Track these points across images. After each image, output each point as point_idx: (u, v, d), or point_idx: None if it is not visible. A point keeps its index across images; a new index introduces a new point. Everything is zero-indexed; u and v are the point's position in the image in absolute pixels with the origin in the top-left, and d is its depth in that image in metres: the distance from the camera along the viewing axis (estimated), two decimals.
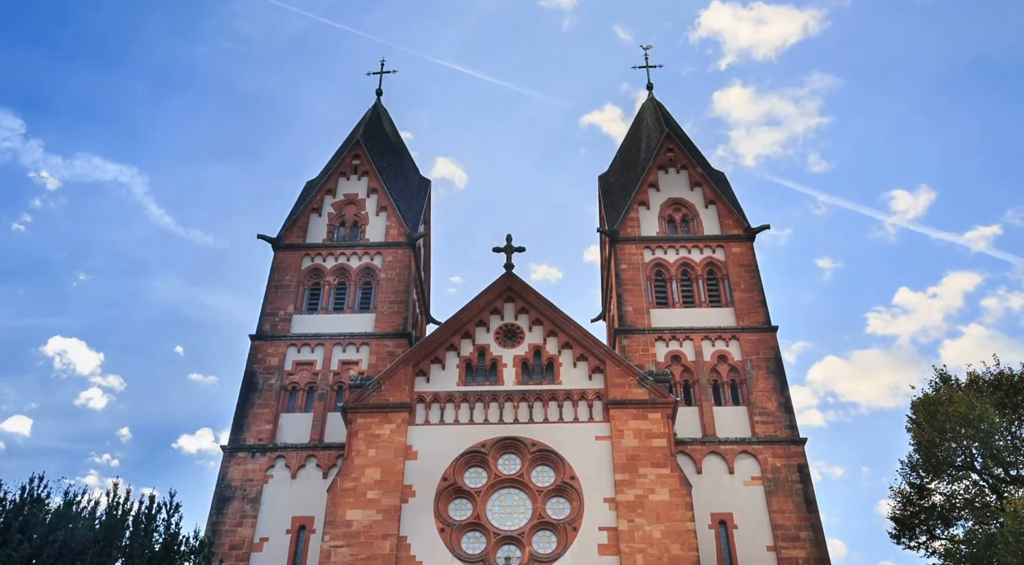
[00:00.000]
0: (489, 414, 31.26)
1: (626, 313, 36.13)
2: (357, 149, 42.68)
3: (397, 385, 31.57)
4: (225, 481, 31.86)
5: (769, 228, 38.87)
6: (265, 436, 33.06)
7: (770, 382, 33.90)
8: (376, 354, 35.27)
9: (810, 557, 29.56)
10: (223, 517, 30.90)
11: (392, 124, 48.59)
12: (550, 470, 30.14)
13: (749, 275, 37.26)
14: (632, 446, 29.82)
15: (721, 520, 30.56)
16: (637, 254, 38.12)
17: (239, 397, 34.11)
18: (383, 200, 40.73)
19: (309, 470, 32.35)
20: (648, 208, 39.94)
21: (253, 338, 35.83)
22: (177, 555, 20.77)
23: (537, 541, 28.74)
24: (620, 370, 31.63)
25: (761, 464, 31.78)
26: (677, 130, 44.32)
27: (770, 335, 35.29)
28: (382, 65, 50.56)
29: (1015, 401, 28.68)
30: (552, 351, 32.85)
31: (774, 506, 30.69)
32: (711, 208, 40.00)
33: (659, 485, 28.89)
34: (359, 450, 30.11)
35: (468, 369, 32.58)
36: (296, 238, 39.40)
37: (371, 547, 28.01)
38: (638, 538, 27.87)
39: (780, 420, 32.93)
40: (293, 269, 38.18)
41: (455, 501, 29.61)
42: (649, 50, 49.67)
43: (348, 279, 38.15)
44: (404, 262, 38.49)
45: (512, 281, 34.09)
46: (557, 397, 31.53)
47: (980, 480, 28.97)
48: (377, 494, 29.10)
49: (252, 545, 30.37)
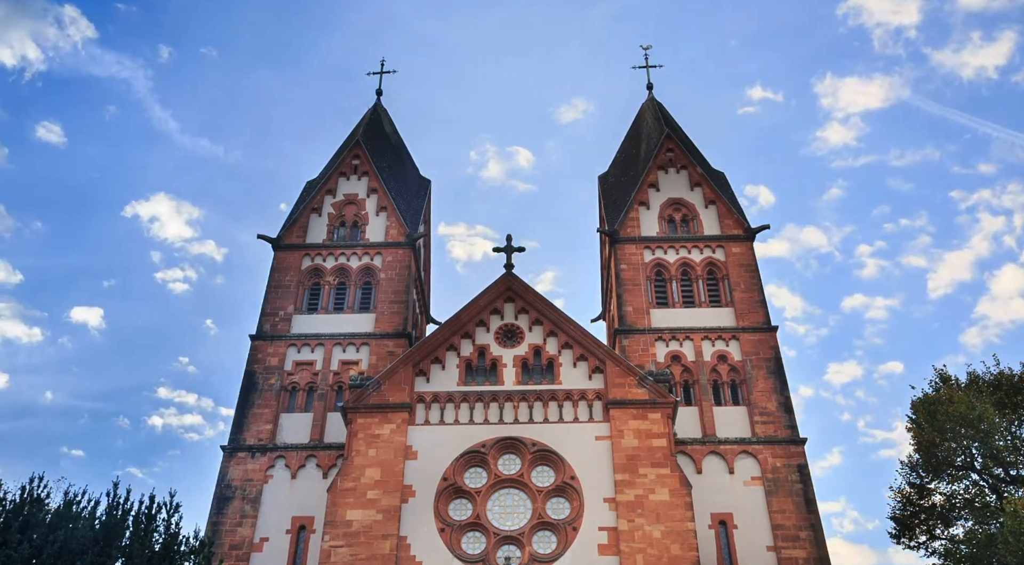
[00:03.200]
0: (489, 414, 31.25)
1: (626, 313, 36.12)
2: (357, 149, 42.69)
3: (397, 385, 31.56)
4: (225, 481, 31.87)
5: (769, 228, 38.92)
6: (265, 436, 33.05)
7: (770, 382, 33.91)
8: (376, 354, 35.28)
9: (810, 557, 29.57)
10: (223, 517, 30.91)
11: (392, 124, 48.56)
12: (550, 470, 30.13)
13: (749, 275, 37.26)
14: (632, 446, 29.81)
15: (721, 520, 30.56)
16: (637, 254, 38.12)
17: (239, 397, 34.12)
18: (383, 200, 40.73)
19: (309, 470, 32.35)
20: (648, 208, 39.94)
21: (253, 338, 35.82)
22: (177, 555, 20.77)
23: (537, 541, 28.73)
24: (620, 370, 31.61)
25: (761, 464, 31.80)
26: (677, 130, 44.31)
27: (770, 335, 35.30)
28: (382, 65, 50.56)
29: (1015, 401, 28.67)
30: (552, 351, 32.84)
31: (774, 506, 30.70)
32: (711, 208, 40.00)
33: (659, 485, 28.88)
34: (359, 450, 30.09)
35: (468, 369, 32.57)
36: (296, 238, 39.40)
37: (371, 547, 28.00)
38: (638, 538, 27.86)
39: (780, 420, 32.94)
40: (293, 269, 38.17)
41: (455, 501, 29.60)
42: (649, 50, 49.68)
43: (348, 279, 38.14)
44: (404, 262, 38.48)
45: (512, 281, 34.07)
46: (557, 397, 31.51)
47: (980, 480, 28.94)
48: (377, 494, 29.09)
49: (252, 545, 30.37)
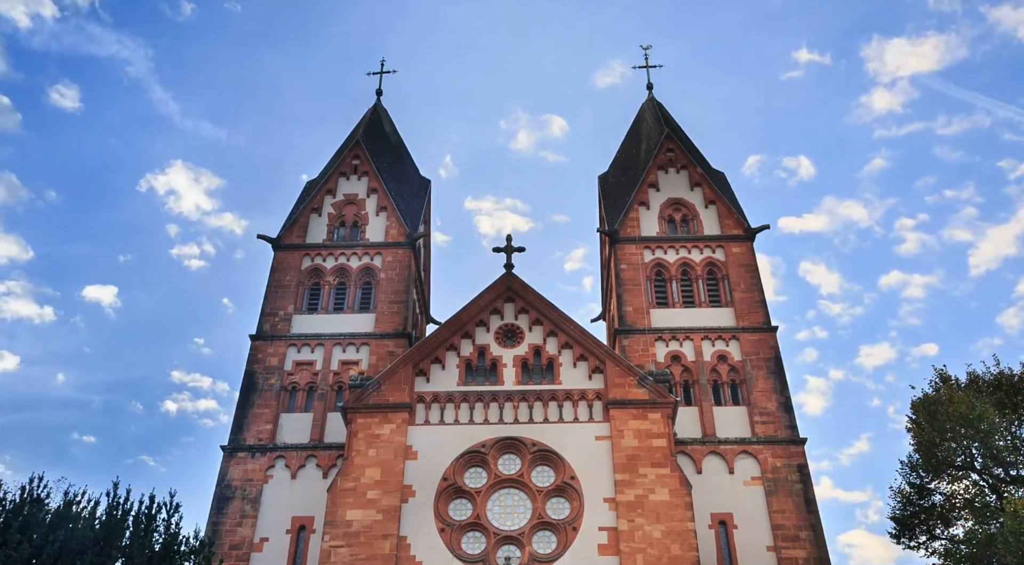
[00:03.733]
0: (489, 414, 31.25)
1: (626, 313, 36.12)
2: (357, 149, 42.68)
3: (397, 385, 31.56)
4: (225, 481, 31.87)
5: (769, 228, 38.91)
6: (265, 436, 33.05)
7: (770, 382, 33.92)
8: (376, 354, 35.27)
9: (810, 557, 29.57)
10: (223, 517, 30.91)
11: (392, 124, 48.55)
12: (550, 470, 30.12)
13: (749, 275, 37.27)
14: (632, 446, 29.81)
15: (721, 520, 30.56)
16: (637, 254, 38.12)
17: (239, 397, 34.12)
18: (383, 200, 40.73)
19: (309, 470, 32.35)
20: (648, 208, 39.94)
21: (253, 338, 35.81)
22: (177, 555, 20.78)
23: (537, 541, 28.73)
24: (620, 370, 31.61)
25: (761, 464, 31.80)
26: (677, 130, 44.32)
27: (770, 335, 35.31)
28: (382, 65, 50.55)
29: (1015, 401, 28.64)
30: (552, 351, 32.83)
31: (774, 506, 30.71)
32: (711, 208, 39.99)
33: (659, 485, 28.87)
34: (359, 450, 30.09)
35: (468, 369, 32.56)
36: (296, 238, 39.39)
37: (371, 547, 27.99)
38: (638, 538, 27.85)
39: (780, 420, 32.94)
40: (293, 269, 38.17)
41: (455, 501, 29.60)
42: (649, 50, 49.67)
43: (348, 279, 38.14)
44: (404, 262, 38.48)
45: (512, 281, 34.06)
46: (557, 397, 31.50)
47: (980, 480, 28.91)
48: (377, 494, 29.09)
49: (252, 545, 30.37)
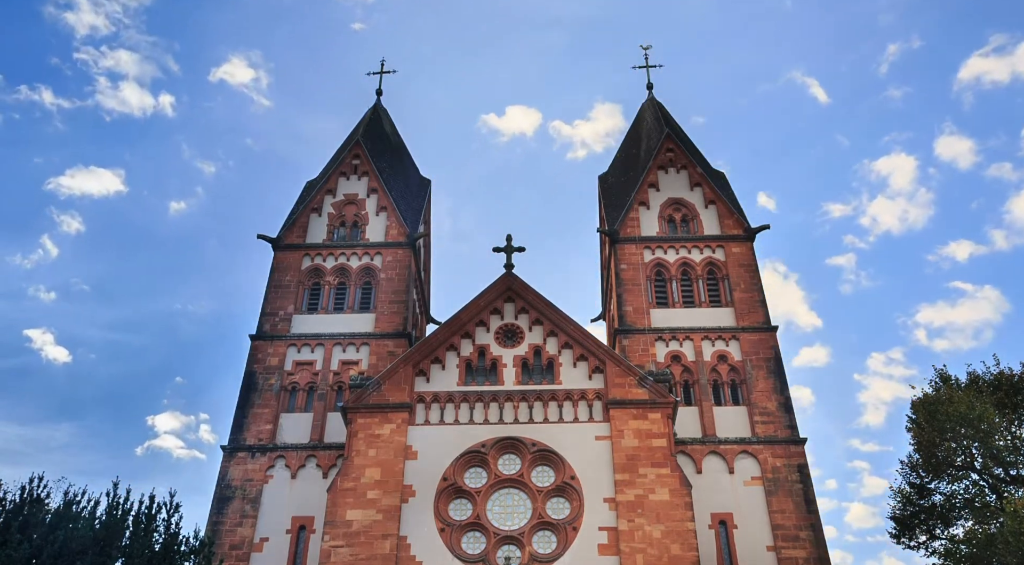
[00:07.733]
0: (489, 414, 31.25)
1: (626, 313, 36.13)
2: (357, 149, 42.68)
3: (397, 385, 31.56)
4: (225, 481, 31.88)
5: (769, 228, 38.89)
6: (265, 436, 33.05)
7: (770, 382, 33.92)
8: (376, 354, 35.28)
9: (810, 557, 29.58)
10: (223, 517, 30.92)
11: (392, 124, 48.56)
12: (550, 470, 30.12)
13: (749, 275, 37.27)
14: (632, 446, 29.81)
15: (721, 520, 30.57)
16: (637, 254, 38.12)
17: (239, 397, 34.11)
18: (383, 200, 40.73)
19: (309, 470, 32.36)
20: (648, 208, 39.94)
21: (253, 338, 35.81)
22: (177, 555, 20.78)
23: (537, 541, 28.73)
24: (620, 370, 31.61)
25: (761, 464, 31.81)
26: (677, 130, 44.33)
27: (770, 335, 35.31)
28: (382, 65, 50.54)
29: (1015, 401, 28.62)
30: (552, 351, 32.83)
31: (774, 506, 30.72)
32: (711, 208, 39.99)
33: (659, 485, 28.88)
34: (359, 450, 30.09)
35: (468, 369, 32.56)
36: (296, 238, 39.40)
37: (371, 547, 28.00)
38: (638, 538, 27.86)
39: (780, 420, 32.95)
40: (293, 269, 38.18)
41: (455, 501, 29.60)
42: (649, 50, 49.66)
43: (348, 279, 38.15)
44: (404, 262, 38.49)
45: (512, 281, 34.06)
46: (557, 397, 31.50)
47: (980, 480, 28.90)
48: (377, 494, 29.09)
49: (252, 545, 30.38)
